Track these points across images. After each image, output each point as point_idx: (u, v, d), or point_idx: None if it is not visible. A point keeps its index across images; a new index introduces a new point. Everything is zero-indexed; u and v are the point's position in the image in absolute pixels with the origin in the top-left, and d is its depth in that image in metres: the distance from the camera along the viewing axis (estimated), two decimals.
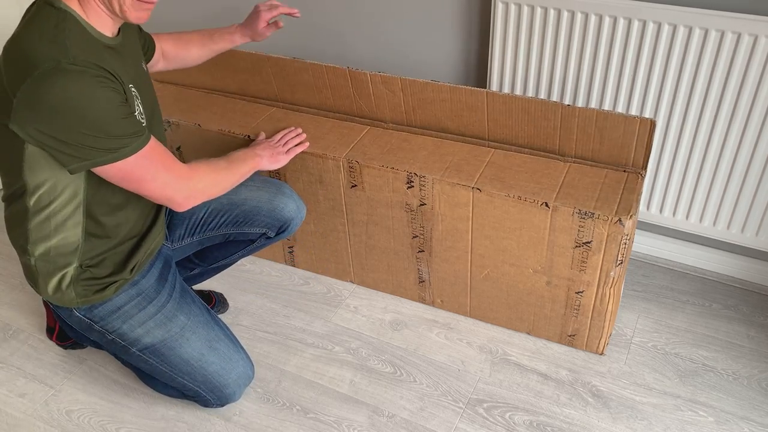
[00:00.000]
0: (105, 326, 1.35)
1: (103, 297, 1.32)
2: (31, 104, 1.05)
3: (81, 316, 1.34)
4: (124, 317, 1.34)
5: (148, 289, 1.38)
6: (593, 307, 1.51)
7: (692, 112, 1.56)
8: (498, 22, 1.64)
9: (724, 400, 1.49)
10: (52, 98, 1.04)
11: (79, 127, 1.07)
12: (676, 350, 1.61)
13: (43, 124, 1.06)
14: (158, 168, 1.20)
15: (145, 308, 1.36)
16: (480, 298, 1.66)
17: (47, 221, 1.22)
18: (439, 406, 1.51)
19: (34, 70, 1.04)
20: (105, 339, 1.37)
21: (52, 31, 1.08)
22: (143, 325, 1.35)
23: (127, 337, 1.36)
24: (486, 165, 1.56)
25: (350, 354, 1.64)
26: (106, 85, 1.09)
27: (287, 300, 1.81)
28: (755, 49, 1.42)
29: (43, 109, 1.05)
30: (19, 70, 1.06)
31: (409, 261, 1.69)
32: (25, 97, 1.05)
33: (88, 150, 1.10)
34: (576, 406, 1.49)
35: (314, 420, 1.49)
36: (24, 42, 1.07)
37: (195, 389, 1.42)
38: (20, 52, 1.07)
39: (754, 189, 1.60)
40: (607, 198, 1.44)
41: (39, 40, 1.07)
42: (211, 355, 1.40)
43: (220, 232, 1.55)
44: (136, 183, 1.19)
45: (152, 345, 1.37)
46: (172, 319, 1.38)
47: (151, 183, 1.20)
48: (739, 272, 1.78)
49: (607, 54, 1.57)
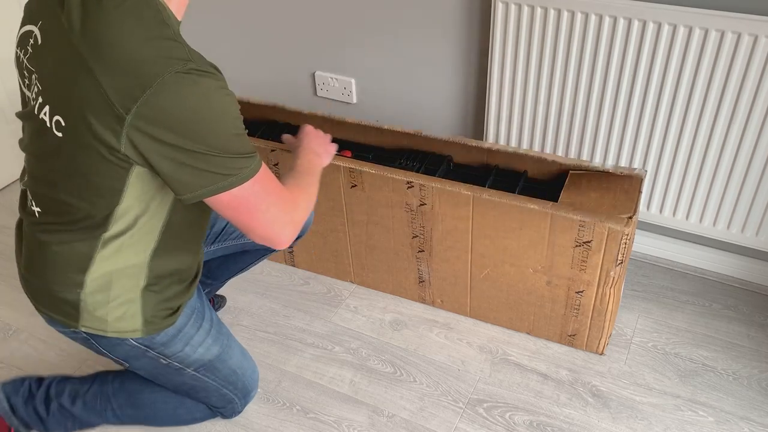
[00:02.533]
0: (163, 351, 1.21)
1: (172, 322, 1.19)
2: (151, 121, 0.89)
3: (136, 345, 1.18)
4: (185, 339, 1.23)
5: (196, 305, 1.26)
6: (593, 306, 1.51)
7: (692, 112, 1.56)
8: (498, 22, 1.64)
9: (724, 400, 1.49)
10: (177, 113, 0.89)
11: (206, 145, 0.92)
12: (676, 350, 1.61)
13: (165, 145, 0.92)
14: (271, 197, 1.04)
15: (202, 326, 1.26)
16: (480, 298, 1.66)
17: (119, 247, 1.08)
18: (439, 406, 1.51)
19: (153, 79, 0.88)
20: (156, 364, 1.24)
21: (158, 28, 0.91)
22: (203, 344, 1.26)
23: (188, 359, 1.25)
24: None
25: (350, 354, 1.64)
26: (228, 92, 0.94)
27: (287, 300, 1.81)
28: (755, 49, 1.42)
29: (167, 127, 0.90)
30: (131, 80, 0.88)
31: (409, 261, 1.69)
32: (144, 112, 0.89)
33: (210, 175, 0.95)
34: (576, 406, 1.49)
35: (314, 420, 1.49)
36: (127, 43, 0.89)
37: (232, 397, 1.38)
38: (127, 58, 0.88)
39: (754, 189, 1.60)
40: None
41: (147, 41, 0.89)
42: (244, 360, 1.38)
43: (241, 241, 1.48)
44: (246, 215, 1.03)
45: (210, 362, 1.28)
46: (221, 332, 1.31)
47: (264, 215, 1.04)
48: (739, 272, 1.78)
49: (607, 54, 1.57)
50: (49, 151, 1.02)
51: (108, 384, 1.37)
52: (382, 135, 1.81)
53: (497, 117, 1.78)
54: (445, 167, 1.68)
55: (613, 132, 1.66)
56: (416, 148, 1.77)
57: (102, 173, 0.98)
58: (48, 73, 0.97)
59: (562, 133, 1.73)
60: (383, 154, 1.78)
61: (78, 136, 0.95)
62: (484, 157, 1.71)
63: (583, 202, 1.48)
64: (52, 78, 0.96)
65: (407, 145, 1.78)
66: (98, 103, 0.90)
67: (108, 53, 0.89)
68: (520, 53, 1.66)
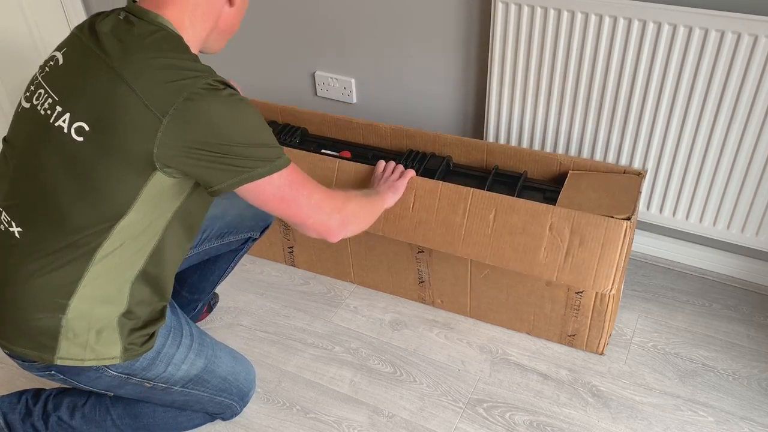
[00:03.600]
0: (146, 375, 1.20)
1: (150, 347, 1.18)
2: (188, 119, 0.99)
3: (116, 374, 1.16)
4: (166, 360, 1.22)
5: (172, 324, 1.25)
6: (593, 307, 1.51)
7: (692, 112, 1.56)
8: (498, 22, 1.64)
9: (724, 400, 1.49)
10: (212, 112, 1.00)
11: (241, 136, 1.02)
12: (676, 350, 1.61)
13: (203, 137, 1.00)
14: (307, 186, 1.12)
15: (181, 342, 1.25)
16: (480, 298, 1.66)
17: (108, 267, 1.08)
18: (439, 406, 1.51)
19: (187, 87, 0.99)
20: (141, 389, 1.23)
21: (186, 51, 1.04)
22: (185, 360, 1.25)
23: (172, 378, 1.24)
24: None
25: (350, 354, 1.64)
26: (248, 102, 1.06)
27: (287, 300, 1.81)
28: (755, 49, 1.42)
29: (205, 123, 0.99)
30: (167, 87, 0.99)
31: (408, 261, 1.69)
32: (180, 114, 0.98)
33: (250, 161, 1.04)
34: (576, 406, 1.49)
35: (314, 420, 1.49)
36: (162, 60, 1.01)
37: (229, 403, 1.39)
38: (163, 71, 1.00)
39: (754, 189, 1.60)
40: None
41: (178, 59, 1.02)
42: (236, 364, 1.38)
43: (203, 248, 1.46)
44: (290, 203, 1.10)
45: (196, 376, 1.28)
46: (203, 343, 1.30)
47: (306, 201, 1.11)
48: (739, 272, 1.78)
49: (607, 54, 1.57)
50: (58, 158, 1.03)
51: (105, 394, 1.35)
52: (382, 135, 1.81)
53: (497, 117, 1.78)
54: (444, 167, 1.68)
55: (613, 132, 1.66)
56: (416, 148, 1.77)
57: (118, 179, 1.01)
58: (71, 86, 1.04)
59: (562, 133, 1.72)
60: (383, 154, 1.78)
61: (104, 140, 1.00)
62: (483, 157, 1.71)
63: (582, 202, 1.48)
64: (77, 90, 1.03)
65: (407, 145, 1.78)
66: (136, 109, 0.98)
67: (144, 67, 1.00)
68: (520, 53, 1.66)
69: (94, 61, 1.03)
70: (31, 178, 1.06)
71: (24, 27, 2.14)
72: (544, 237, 1.45)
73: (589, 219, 1.42)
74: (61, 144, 1.02)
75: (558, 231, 1.44)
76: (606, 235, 1.41)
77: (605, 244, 1.41)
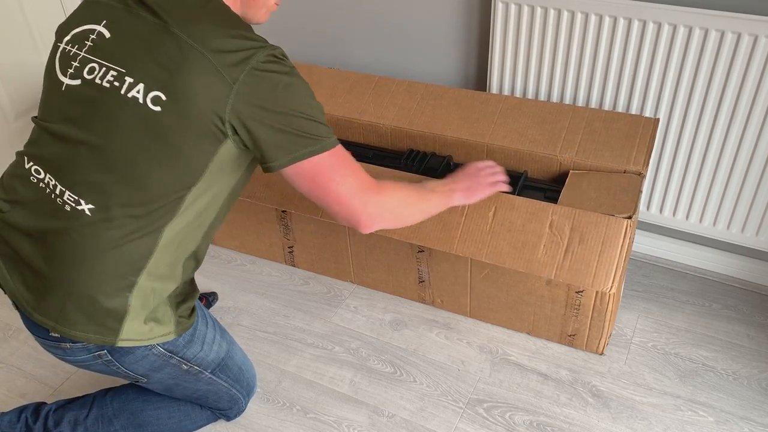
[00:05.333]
0: (185, 354, 1.20)
1: (194, 320, 1.20)
2: (255, 86, 1.01)
3: (162, 352, 1.16)
4: (201, 338, 1.23)
5: (197, 303, 1.26)
6: (593, 307, 1.51)
7: (692, 112, 1.56)
8: (498, 22, 1.64)
9: (724, 400, 1.49)
10: (276, 80, 1.02)
11: (302, 106, 1.05)
12: (676, 350, 1.61)
13: (269, 103, 1.02)
14: (347, 170, 1.11)
15: (207, 322, 1.25)
16: (480, 298, 1.66)
17: (177, 241, 1.09)
18: (439, 406, 1.51)
19: (254, 53, 1.01)
20: (177, 372, 1.22)
21: (241, 22, 1.07)
22: (214, 341, 1.26)
23: (205, 359, 1.24)
24: None
25: (350, 354, 1.64)
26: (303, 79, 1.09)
27: (287, 300, 1.81)
28: (755, 49, 1.42)
29: (270, 90, 1.02)
30: (237, 55, 1.01)
31: (409, 261, 1.69)
32: (248, 80, 1.01)
33: (302, 139, 1.06)
34: (576, 406, 1.49)
35: (314, 420, 1.49)
36: (226, 30, 1.03)
37: (239, 396, 1.40)
38: (230, 39, 1.02)
39: (754, 189, 1.60)
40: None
41: (238, 29, 1.04)
42: (244, 357, 1.40)
43: None
44: (324, 186, 1.10)
45: (222, 360, 1.28)
46: (220, 327, 1.31)
47: (339, 186, 1.10)
48: (739, 272, 1.78)
49: (607, 54, 1.57)
50: (139, 130, 1.02)
51: (107, 406, 1.34)
52: (382, 135, 1.81)
53: None
54: (445, 167, 1.68)
55: None
56: (416, 148, 1.77)
57: (194, 145, 1.03)
58: (135, 56, 1.03)
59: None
60: (383, 154, 1.78)
61: (181, 108, 1.01)
62: (484, 157, 1.71)
63: (583, 202, 1.48)
64: (145, 59, 1.02)
65: (408, 145, 1.78)
66: (209, 75, 0.99)
67: (213, 35, 1.01)
68: (520, 53, 1.66)
69: (155, 29, 1.02)
70: (107, 153, 1.04)
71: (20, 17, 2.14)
72: (543, 234, 1.45)
73: (590, 217, 1.42)
74: (139, 115, 1.02)
75: (558, 229, 1.44)
76: (607, 234, 1.41)
77: (606, 243, 1.41)
